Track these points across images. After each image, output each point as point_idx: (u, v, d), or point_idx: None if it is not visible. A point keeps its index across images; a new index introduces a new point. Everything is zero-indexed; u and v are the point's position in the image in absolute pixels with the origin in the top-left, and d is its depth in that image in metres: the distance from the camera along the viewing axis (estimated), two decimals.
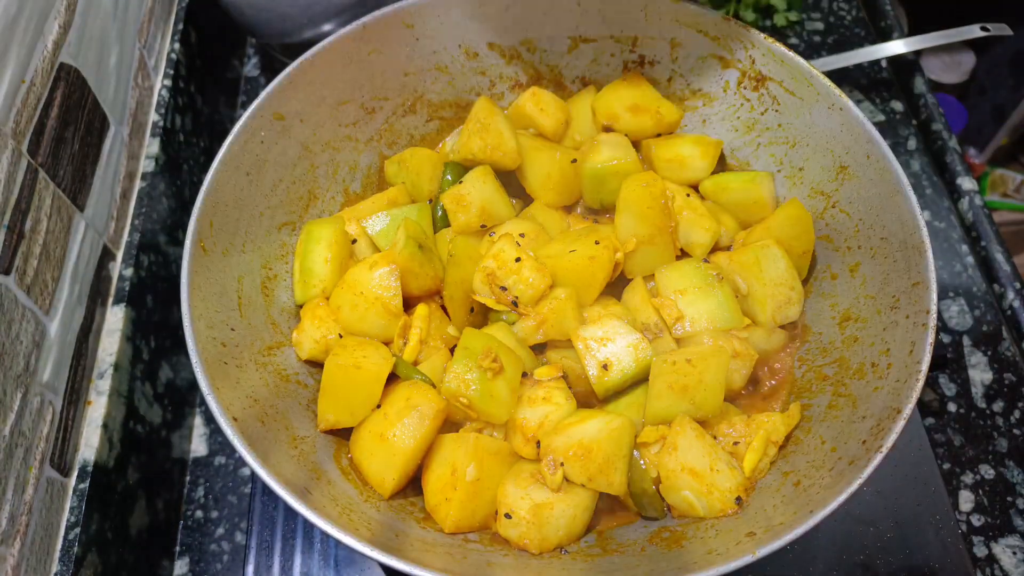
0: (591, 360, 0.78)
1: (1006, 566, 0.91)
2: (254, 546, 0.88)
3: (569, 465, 0.72)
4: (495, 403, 0.76)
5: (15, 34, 0.77)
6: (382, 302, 0.82)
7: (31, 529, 0.72)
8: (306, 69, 0.90)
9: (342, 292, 0.84)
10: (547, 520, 0.72)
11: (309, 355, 0.84)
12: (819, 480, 0.69)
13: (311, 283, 0.87)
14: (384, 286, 0.82)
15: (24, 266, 0.75)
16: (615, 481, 0.72)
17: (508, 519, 0.73)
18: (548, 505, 0.72)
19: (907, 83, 1.30)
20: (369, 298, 0.82)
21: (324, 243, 0.87)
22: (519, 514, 0.72)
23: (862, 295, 0.81)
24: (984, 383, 1.03)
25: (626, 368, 0.78)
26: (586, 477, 0.72)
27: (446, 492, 0.74)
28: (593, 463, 0.71)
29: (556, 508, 0.72)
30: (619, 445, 0.73)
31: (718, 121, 0.98)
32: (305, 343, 0.84)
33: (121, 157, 0.98)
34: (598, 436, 0.72)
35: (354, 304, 0.83)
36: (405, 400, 0.76)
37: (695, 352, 0.77)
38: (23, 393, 0.73)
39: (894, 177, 0.78)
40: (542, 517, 0.72)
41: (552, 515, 0.72)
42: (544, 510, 0.72)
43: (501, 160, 0.91)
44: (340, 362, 0.77)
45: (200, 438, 1.02)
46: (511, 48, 1.01)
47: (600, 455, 0.71)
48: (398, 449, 0.74)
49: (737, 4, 1.42)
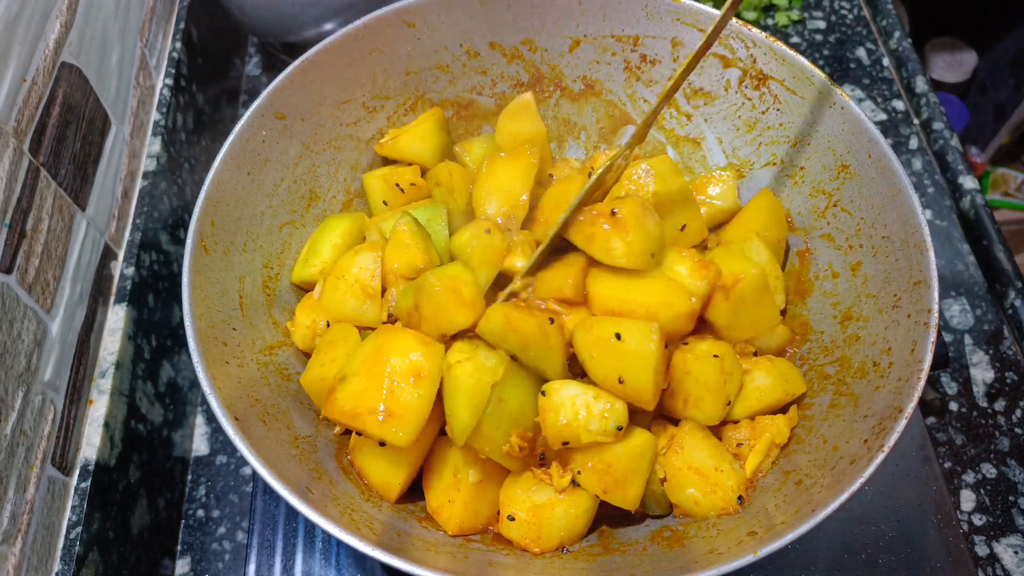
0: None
1: (1008, 565, 0.91)
2: (255, 545, 0.88)
3: (586, 475, 0.72)
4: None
5: (16, 33, 0.77)
6: (361, 284, 0.83)
7: (32, 528, 0.72)
8: (307, 68, 0.90)
9: (329, 278, 0.85)
10: (548, 521, 0.72)
11: (303, 345, 0.85)
12: (820, 479, 0.69)
13: (311, 263, 0.88)
14: (364, 268, 0.83)
15: (26, 265, 0.75)
16: (630, 496, 0.72)
17: (511, 521, 0.73)
18: (549, 506, 0.72)
19: (909, 82, 1.30)
20: (349, 280, 0.83)
21: (337, 231, 0.89)
22: (520, 516, 0.72)
23: (863, 294, 0.81)
24: (986, 382, 1.03)
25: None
26: (601, 489, 0.72)
27: (449, 495, 0.74)
28: (611, 477, 0.71)
29: (557, 509, 0.72)
30: (640, 461, 0.72)
31: (719, 120, 0.98)
32: (299, 332, 0.85)
33: (122, 156, 0.99)
34: (621, 452, 0.71)
35: (335, 287, 0.84)
36: None
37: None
38: (24, 392, 0.73)
39: (895, 176, 0.78)
40: (543, 518, 0.72)
41: (553, 516, 0.72)
42: (545, 511, 0.72)
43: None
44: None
45: (201, 437, 1.02)
46: (512, 47, 1.01)
47: (620, 470, 0.71)
48: (401, 453, 0.74)
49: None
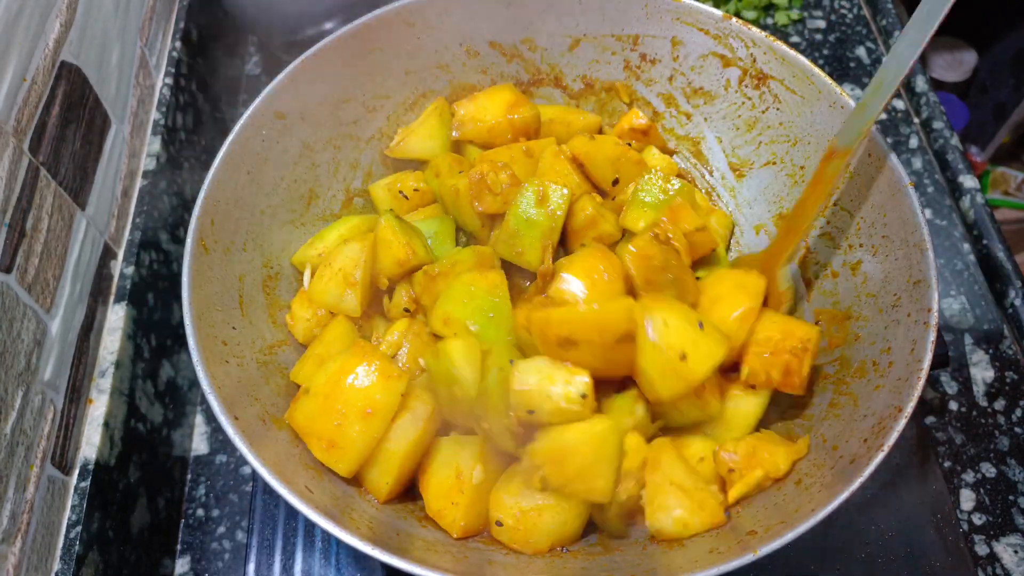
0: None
1: (1007, 565, 0.91)
2: (255, 545, 0.88)
3: (547, 470, 0.68)
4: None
5: (16, 32, 0.77)
6: (344, 273, 0.84)
7: (32, 527, 0.72)
8: (307, 67, 0.90)
9: (319, 267, 0.87)
10: (535, 526, 0.70)
11: (303, 338, 0.86)
12: (820, 479, 0.69)
13: (315, 246, 0.90)
14: (349, 257, 0.85)
15: (25, 264, 0.75)
16: (597, 487, 0.68)
17: (499, 526, 0.72)
18: (536, 511, 0.70)
19: (909, 81, 1.30)
20: (334, 269, 0.84)
21: (348, 225, 0.91)
22: (508, 522, 0.71)
23: (863, 293, 0.81)
24: (985, 381, 1.03)
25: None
26: (562, 482, 0.68)
27: (452, 496, 0.72)
28: (570, 468, 0.68)
29: (544, 515, 0.70)
30: (602, 449, 0.68)
31: (719, 119, 0.98)
32: (298, 325, 0.86)
33: (122, 155, 0.98)
34: (576, 441, 0.68)
35: (321, 275, 0.86)
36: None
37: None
38: (24, 391, 0.73)
39: (895, 175, 0.78)
40: (529, 523, 0.70)
41: (541, 521, 0.70)
42: (531, 516, 0.70)
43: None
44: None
45: (201, 436, 1.02)
46: (512, 47, 1.01)
47: (577, 461, 0.68)
48: (392, 452, 0.73)
49: (739, 2, 1.42)
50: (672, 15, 0.94)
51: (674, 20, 0.95)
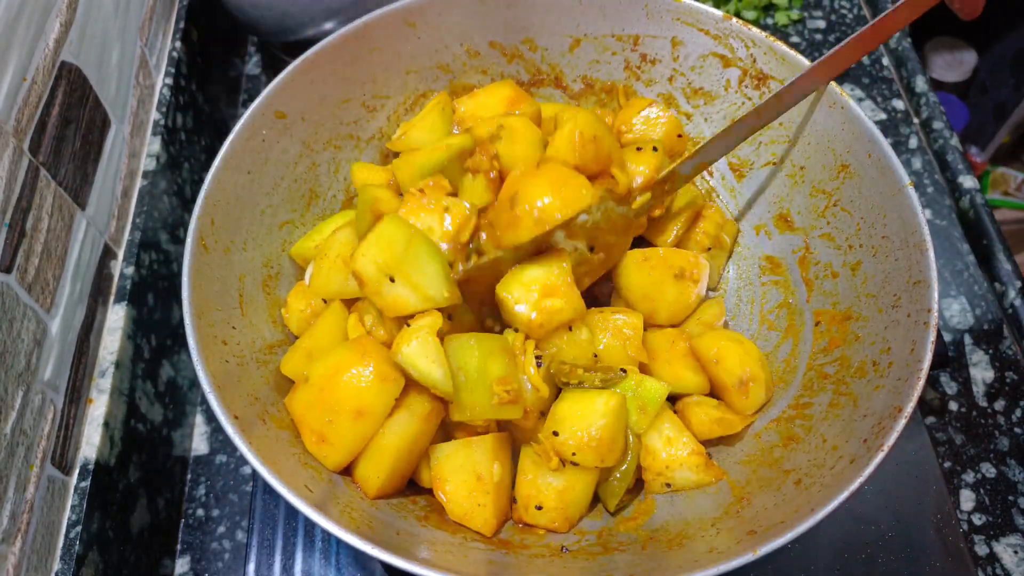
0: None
1: (1007, 565, 0.91)
2: (255, 544, 0.88)
3: (582, 454, 0.73)
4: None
5: (16, 32, 0.77)
6: (343, 258, 0.84)
7: (32, 527, 0.72)
8: (308, 67, 0.90)
9: (316, 261, 0.86)
10: (572, 501, 0.76)
11: (298, 330, 0.86)
12: (820, 478, 0.69)
13: (314, 237, 0.90)
14: (344, 242, 0.85)
15: (25, 264, 0.75)
16: (616, 454, 0.76)
17: (539, 510, 0.75)
18: (570, 487, 0.75)
19: (908, 81, 1.30)
20: (331, 257, 0.84)
21: (345, 218, 0.91)
22: (549, 503, 0.75)
23: (863, 294, 0.81)
24: (985, 382, 1.03)
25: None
26: (598, 461, 0.74)
27: (477, 499, 0.74)
28: (604, 447, 0.73)
29: (577, 488, 0.76)
30: (620, 421, 0.76)
31: (719, 120, 0.98)
32: (293, 317, 0.86)
33: (122, 155, 0.98)
34: (605, 421, 0.73)
35: (320, 267, 0.85)
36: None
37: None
38: (24, 391, 0.73)
39: (895, 175, 0.78)
40: (568, 499, 0.76)
41: (575, 495, 0.76)
42: (568, 493, 0.75)
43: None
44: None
45: (201, 436, 1.02)
46: (512, 47, 1.01)
47: (608, 438, 0.73)
48: (384, 448, 0.73)
49: (739, 2, 1.42)
50: (672, 15, 0.94)
51: (674, 20, 0.95)
